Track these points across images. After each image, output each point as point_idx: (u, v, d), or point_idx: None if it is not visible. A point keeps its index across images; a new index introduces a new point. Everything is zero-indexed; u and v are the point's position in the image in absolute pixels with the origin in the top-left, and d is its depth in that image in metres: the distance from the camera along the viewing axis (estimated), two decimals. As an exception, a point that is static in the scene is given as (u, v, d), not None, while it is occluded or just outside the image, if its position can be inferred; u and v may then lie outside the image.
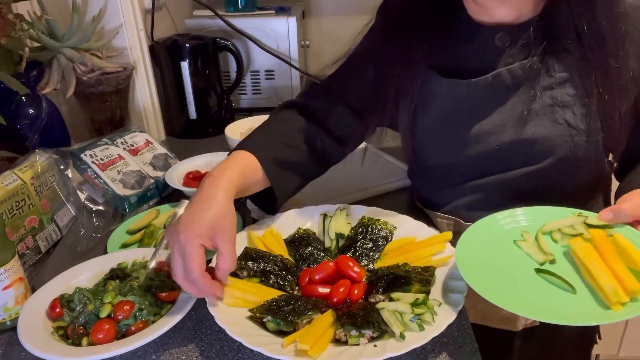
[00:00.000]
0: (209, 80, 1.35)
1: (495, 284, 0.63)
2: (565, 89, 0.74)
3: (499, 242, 0.71)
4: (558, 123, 0.74)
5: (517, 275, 0.65)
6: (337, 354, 0.59)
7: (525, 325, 0.89)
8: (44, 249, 0.86)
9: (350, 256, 0.77)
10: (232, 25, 1.39)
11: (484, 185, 0.82)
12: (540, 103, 0.75)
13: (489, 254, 0.69)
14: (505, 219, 0.74)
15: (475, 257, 0.67)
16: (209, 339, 0.67)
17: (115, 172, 0.98)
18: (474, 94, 0.78)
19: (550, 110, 0.75)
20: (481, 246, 0.70)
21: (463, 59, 0.79)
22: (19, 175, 0.82)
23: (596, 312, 0.58)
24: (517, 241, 0.70)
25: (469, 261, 0.66)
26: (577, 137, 0.74)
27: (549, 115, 0.75)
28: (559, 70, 0.74)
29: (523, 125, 0.75)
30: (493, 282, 0.63)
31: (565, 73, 0.74)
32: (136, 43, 1.21)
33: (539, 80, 0.74)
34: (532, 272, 0.65)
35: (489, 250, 0.69)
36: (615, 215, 0.69)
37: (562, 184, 0.79)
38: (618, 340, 1.88)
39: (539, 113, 0.75)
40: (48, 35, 1.04)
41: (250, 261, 0.74)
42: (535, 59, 0.74)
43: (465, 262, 0.66)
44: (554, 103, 0.74)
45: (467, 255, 0.67)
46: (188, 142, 1.33)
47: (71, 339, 0.64)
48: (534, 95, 0.75)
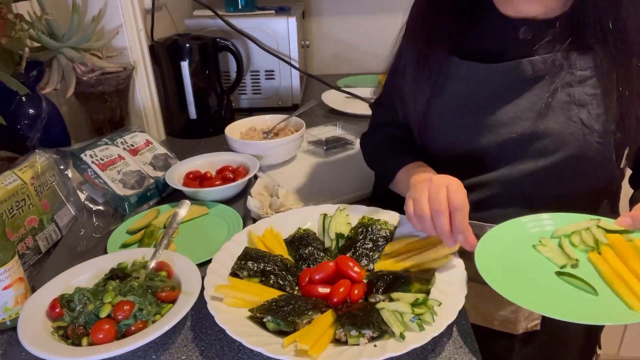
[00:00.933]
0: (209, 80, 1.35)
1: (517, 285, 0.63)
2: (583, 87, 0.74)
3: (520, 245, 0.71)
4: (572, 121, 0.74)
5: (538, 277, 0.66)
6: (337, 354, 0.59)
7: (526, 329, 0.89)
8: (44, 249, 0.86)
9: (350, 256, 0.77)
10: (232, 25, 1.39)
11: (490, 181, 0.81)
12: (557, 99, 0.75)
13: (510, 256, 0.69)
14: (530, 223, 0.75)
15: (495, 258, 0.68)
16: (209, 339, 0.67)
17: (115, 172, 0.98)
18: (492, 80, 0.78)
19: (566, 108, 0.75)
20: (502, 248, 0.70)
21: (485, 47, 0.80)
22: (19, 175, 0.82)
23: (619, 311, 0.58)
24: (536, 246, 0.71)
25: (488, 261, 0.67)
26: (590, 136, 0.74)
27: (564, 113, 0.75)
28: (580, 68, 0.74)
29: (539, 119, 0.75)
30: (514, 283, 0.64)
31: (585, 71, 0.74)
32: (136, 43, 1.21)
33: (560, 75, 0.74)
34: (552, 275, 0.65)
35: (509, 252, 0.70)
36: (634, 221, 0.69)
37: (569, 184, 0.79)
38: (618, 340, 1.88)
39: (555, 109, 0.75)
40: (48, 35, 1.04)
41: (250, 261, 0.74)
42: (559, 54, 0.74)
43: (485, 261, 0.66)
44: (571, 101, 0.74)
45: (487, 255, 0.68)
46: (188, 142, 1.33)
47: (71, 339, 0.64)
48: (555, 89, 0.74)
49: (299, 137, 1.15)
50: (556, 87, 0.74)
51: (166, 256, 0.76)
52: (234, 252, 0.77)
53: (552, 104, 0.75)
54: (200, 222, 0.93)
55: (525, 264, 0.69)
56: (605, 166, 0.77)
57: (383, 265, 0.76)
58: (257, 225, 0.84)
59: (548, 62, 0.75)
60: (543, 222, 0.75)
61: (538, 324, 0.89)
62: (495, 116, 0.78)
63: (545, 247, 0.70)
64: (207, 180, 1.02)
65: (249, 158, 1.08)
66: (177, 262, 0.75)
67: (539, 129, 0.75)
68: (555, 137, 0.75)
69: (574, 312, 0.59)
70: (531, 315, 0.88)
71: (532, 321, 0.88)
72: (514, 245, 0.72)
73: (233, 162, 1.09)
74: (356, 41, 1.80)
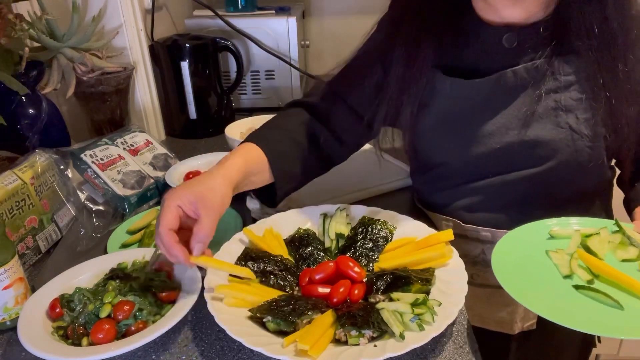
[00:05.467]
0: (209, 80, 1.35)
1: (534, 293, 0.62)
2: (569, 93, 0.74)
3: (536, 250, 0.70)
4: (560, 127, 0.74)
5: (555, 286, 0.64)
6: (337, 354, 0.59)
7: (522, 328, 0.89)
8: (44, 249, 0.86)
9: (350, 256, 0.77)
10: (232, 25, 1.39)
11: (484, 187, 0.82)
12: (543, 106, 0.74)
13: (527, 259, 0.68)
14: (554, 226, 0.74)
15: (511, 261, 0.67)
16: (209, 339, 0.67)
17: (115, 172, 0.98)
18: (477, 94, 0.77)
19: (554, 114, 0.74)
20: (520, 251, 0.69)
21: (469, 59, 0.79)
22: (19, 175, 0.82)
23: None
24: (549, 252, 0.70)
25: (505, 267, 0.66)
26: (580, 141, 0.74)
27: (552, 119, 0.74)
28: (565, 74, 0.74)
29: (526, 127, 0.75)
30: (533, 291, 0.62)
31: (571, 77, 0.74)
32: (136, 43, 1.21)
33: (544, 81, 0.74)
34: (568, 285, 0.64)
35: (527, 256, 0.69)
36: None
37: (563, 188, 0.79)
38: (618, 340, 1.88)
39: (542, 116, 0.74)
40: (48, 35, 1.04)
41: (250, 261, 0.74)
42: (542, 60, 0.74)
43: (501, 263, 0.66)
44: (558, 107, 0.74)
45: (504, 257, 0.67)
46: (188, 142, 1.33)
47: (71, 339, 0.64)
48: (539, 95, 0.74)
49: (299, 137, 1.15)
50: (541, 94, 0.74)
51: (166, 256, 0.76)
52: (234, 252, 0.77)
53: (539, 111, 0.74)
54: (200, 222, 0.93)
55: (542, 271, 0.67)
56: (597, 169, 0.77)
57: (383, 258, 0.76)
58: (257, 225, 0.84)
59: (531, 69, 0.74)
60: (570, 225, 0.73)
61: (534, 323, 0.89)
62: (484, 128, 0.78)
63: (558, 254, 0.69)
64: (207, 180, 1.02)
65: (249, 158, 1.08)
66: (177, 262, 0.75)
67: (528, 137, 0.75)
68: (545, 145, 0.74)
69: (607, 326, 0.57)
70: (527, 315, 0.88)
71: (527, 321, 0.89)
72: (529, 250, 0.70)
73: (233, 162, 1.09)
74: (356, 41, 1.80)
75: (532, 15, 0.75)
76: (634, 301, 0.60)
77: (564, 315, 0.58)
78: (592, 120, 0.73)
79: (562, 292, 0.63)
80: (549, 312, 0.58)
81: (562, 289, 0.64)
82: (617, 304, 0.59)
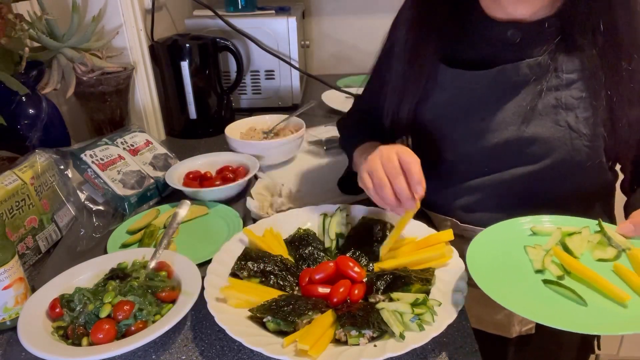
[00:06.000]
0: (209, 80, 1.35)
1: (506, 287, 0.62)
2: (570, 91, 0.74)
3: (514, 245, 0.70)
4: (559, 125, 0.74)
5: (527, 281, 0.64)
6: (337, 354, 0.59)
7: (520, 332, 0.89)
8: (44, 249, 0.86)
9: (350, 256, 0.77)
10: (232, 25, 1.39)
11: (481, 185, 0.82)
12: (544, 103, 0.74)
13: (502, 256, 0.68)
14: (528, 224, 0.73)
15: (487, 259, 0.67)
16: (209, 339, 0.67)
17: (115, 172, 0.98)
18: (477, 86, 0.77)
19: (553, 112, 0.74)
20: (495, 248, 0.69)
21: (473, 53, 0.79)
22: (19, 175, 0.82)
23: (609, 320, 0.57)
24: (527, 247, 0.69)
25: (479, 261, 0.66)
26: (577, 140, 0.74)
27: (552, 117, 0.74)
28: (567, 71, 0.73)
29: (525, 123, 0.75)
30: (504, 286, 0.62)
31: (573, 74, 0.73)
32: (136, 43, 1.21)
33: (547, 77, 0.74)
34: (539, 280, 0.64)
35: (502, 253, 0.69)
36: (636, 228, 0.67)
37: (560, 188, 0.79)
38: (618, 340, 1.88)
39: (542, 113, 0.74)
40: (48, 35, 1.04)
41: (250, 261, 0.74)
42: (545, 56, 0.74)
43: (476, 262, 0.65)
44: (558, 104, 0.74)
45: (479, 255, 0.67)
46: (188, 142, 1.33)
47: (71, 339, 0.64)
48: (540, 91, 0.74)
49: (298, 137, 1.15)
50: (542, 90, 0.74)
51: (166, 256, 0.76)
52: (234, 252, 0.77)
53: (539, 108, 0.74)
54: (200, 222, 0.93)
55: (516, 266, 0.67)
56: (595, 170, 0.77)
57: (383, 258, 0.76)
58: (257, 225, 0.84)
59: (534, 65, 0.74)
60: (543, 223, 0.73)
61: (532, 327, 0.88)
62: (483, 122, 0.78)
63: (535, 250, 0.69)
64: (207, 181, 1.02)
65: (249, 158, 1.08)
66: (177, 262, 0.75)
67: (526, 134, 0.75)
68: (543, 142, 0.74)
69: (565, 320, 0.58)
70: (524, 319, 0.87)
71: (525, 325, 0.88)
72: (506, 246, 0.70)
73: (233, 162, 1.09)
74: (356, 41, 1.80)
75: (537, 11, 0.75)
76: (600, 299, 0.60)
77: (529, 308, 0.59)
78: (592, 120, 0.73)
79: (531, 286, 0.63)
80: (515, 305, 0.58)
81: (532, 283, 0.64)
82: (581, 300, 0.60)
